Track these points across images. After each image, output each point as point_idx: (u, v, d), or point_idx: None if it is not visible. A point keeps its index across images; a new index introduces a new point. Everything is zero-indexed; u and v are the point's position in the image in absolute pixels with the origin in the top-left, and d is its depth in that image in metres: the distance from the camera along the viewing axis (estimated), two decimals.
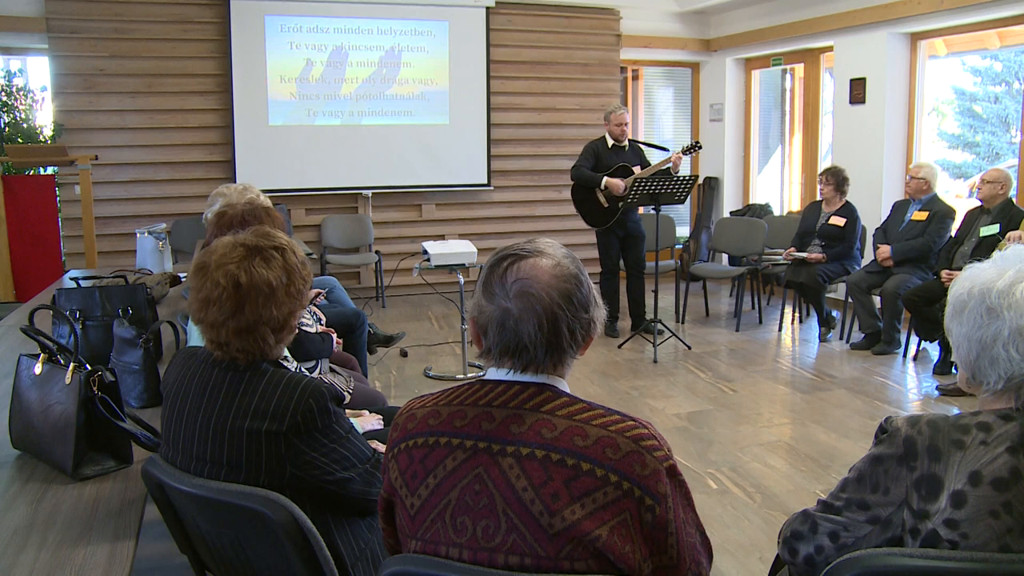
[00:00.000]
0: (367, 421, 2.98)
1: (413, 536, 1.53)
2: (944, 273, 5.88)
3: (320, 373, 3.42)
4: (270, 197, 5.02)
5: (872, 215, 7.26)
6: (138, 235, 5.41)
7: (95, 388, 2.26)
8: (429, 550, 1.50)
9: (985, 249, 5.48)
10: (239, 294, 1.90)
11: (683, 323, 7.64)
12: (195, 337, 2.63)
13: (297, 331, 2.11)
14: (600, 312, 1.58)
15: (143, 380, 2.85)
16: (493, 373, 1.56)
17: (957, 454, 1.52)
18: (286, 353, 2.73)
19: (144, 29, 7.77)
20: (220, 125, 8.10)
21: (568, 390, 1.55)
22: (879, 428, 1.64)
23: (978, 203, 6.09)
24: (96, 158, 6.71)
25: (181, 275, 4.80)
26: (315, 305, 4.16)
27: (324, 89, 8.35)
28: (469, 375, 5.84)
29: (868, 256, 6.98)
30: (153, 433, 2.33)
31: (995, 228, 5.80)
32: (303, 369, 2.96)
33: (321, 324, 3.67)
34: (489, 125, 8.84)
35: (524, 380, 1.52)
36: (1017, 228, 5.61)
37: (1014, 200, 6.00)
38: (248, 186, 3.96)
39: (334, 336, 3.54)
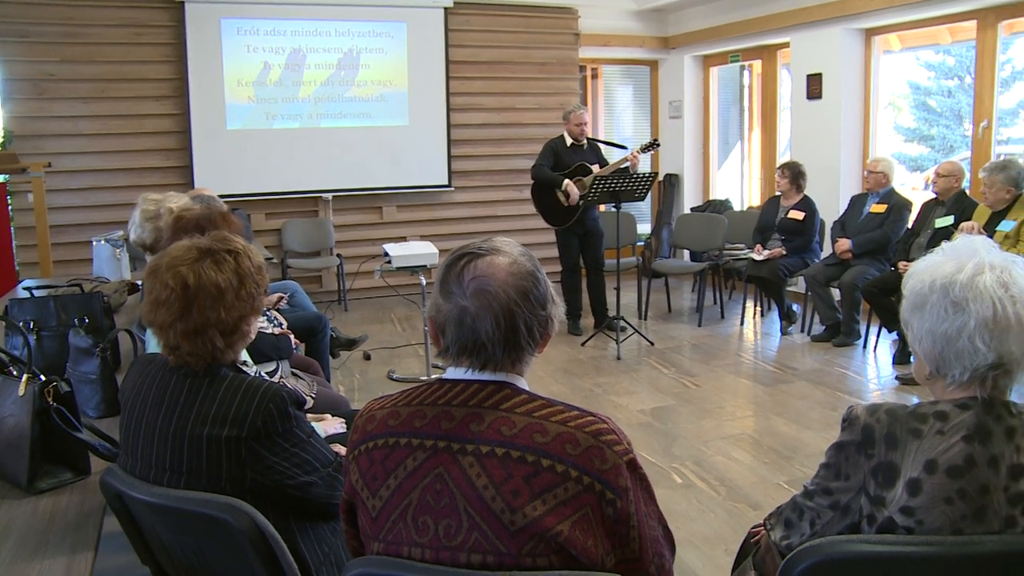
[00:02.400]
0: (330, 425, 2.96)
1: (375, 538, 1.52)
2: (901, 264, 5.97)
3: (281, 377, 3.39)
4: (228, 202, 4.98)
5: (830, 208, 7.34)
6: (94, 243, 5.34)
7: (50, 399, 2.23)
8: (391, 551, 1.49)
9: (940, 240, 5.54)
10: (187, 295, 1.89)
11: (646, 320, 7.68)
12: (153, 345, 2.59)
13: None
14: (558, 309, 1.58)
15: (101, 390, 2.81)
16: (452, 372, 1.56)
17: (914, 442, 1.55)
18: (246, 358, 2.70)
19: (95, 33, 7.65)
20: (177, 130, 8.01)
21: (527, 387, 1.55)
22: (843, 417, 1.66)
23: (933, 195, 6.18)
24: (49, 165, 6.60)
25: (140, 283, 4.73)
26: (277, 310, 4.14)
27: (282, 92, 8.28)
28: (433, 376, 5.81)
29: (827, 249, 7.05)
30: (112, 443, 2.30)
31: (950, 219, 5.89)
32: (262, 373, 2.93)
33: (282, 328, 3.64)
34: (449, 126, 8.82)
35: (483, 378, 1.52)
36: (970, 219, 5.70)
37: (967, 191, 6.11)
38: (169, 195, 3.93)
39: (291, 337, 3.52)
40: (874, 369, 6.08)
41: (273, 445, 1.85)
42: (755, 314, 7.80)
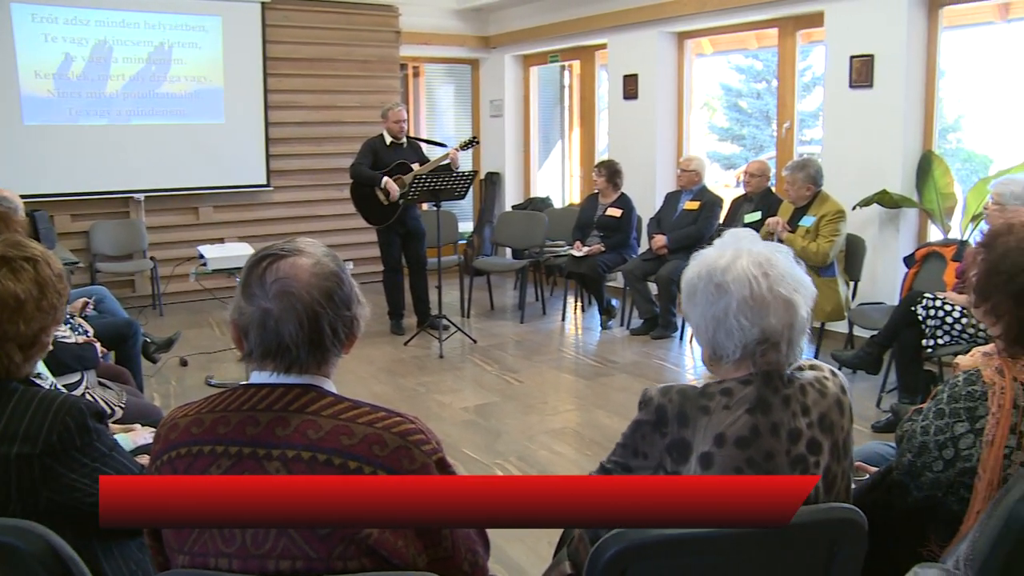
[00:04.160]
0: (139, 435, 2.83)
1: (180, 550, 1.47)
2: None
3: (87, 388, 3.22)
4: (28, 203, 4.68)
5: (646, 205, 7.59)
6: None
7: None
8: (198, 563, 1.45)
9: None
10: None
11: (468, 317, 7.73)
12: None
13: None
14: (363, 309, 1.58)
15: None
16: (256, 376, 1.52)
17: (703, 419, 1.66)
18: (40, 370, 2.55)
19: None
20: None
21: (334, 390, 1.54)
22: (639, 400, 1.75)
23: (743, 192, 6.54)
24: None
25: None
26: (83, 316, 3.94)
27: (87, 87, 7.83)
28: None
29: (644, 245, 7.30)
30: None
31: (757, 215, 6.23)
32: (59, 386, 2.77)
33: (87, 336, 3.46)
34: (267, 124, 8.59)
35: (288, 382, 1.50)
36: (776, 214, 6.03)
37: (773, 189, 6.48)
38: None
39: (98, 345, 3.35)
40: (691, 359, 6.34)
41: (71, 461, 1.77)
42: (576, 310, 7.99)
